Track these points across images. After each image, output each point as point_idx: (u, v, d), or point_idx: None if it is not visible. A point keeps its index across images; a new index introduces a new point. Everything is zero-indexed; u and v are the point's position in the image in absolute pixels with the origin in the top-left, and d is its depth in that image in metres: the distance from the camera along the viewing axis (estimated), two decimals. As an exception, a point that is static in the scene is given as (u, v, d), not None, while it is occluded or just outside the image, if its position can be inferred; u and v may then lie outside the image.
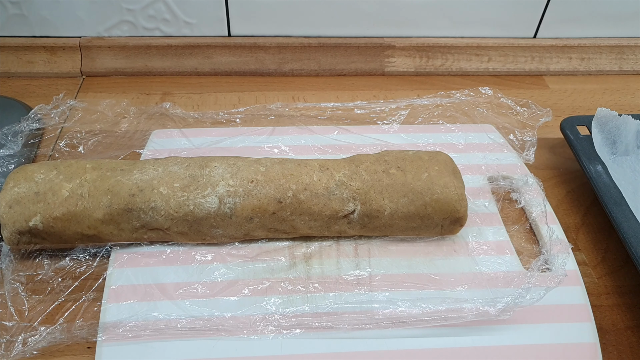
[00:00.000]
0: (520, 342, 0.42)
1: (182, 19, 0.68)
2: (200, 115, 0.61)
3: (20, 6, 0.65)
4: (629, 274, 0.49)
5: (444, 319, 0.41)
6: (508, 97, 0.61)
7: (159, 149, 0.56)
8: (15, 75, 0.68)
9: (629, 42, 0.72)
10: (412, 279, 0.45)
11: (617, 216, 0.47)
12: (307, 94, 0.68)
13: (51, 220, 0.42)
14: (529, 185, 0.53)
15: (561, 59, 0.73)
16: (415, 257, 0.47)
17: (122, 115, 0.60)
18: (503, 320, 0.42)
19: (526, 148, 0.57)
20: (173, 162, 0.45)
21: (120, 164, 0.45)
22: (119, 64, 0.69)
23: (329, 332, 0.41)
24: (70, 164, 0.45)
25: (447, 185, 0.45)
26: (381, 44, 0.70)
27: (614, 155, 0.56)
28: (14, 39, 0.67)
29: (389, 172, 0.46)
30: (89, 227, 0.43)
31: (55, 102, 0.58)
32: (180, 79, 0.70)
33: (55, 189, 0.42)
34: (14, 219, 0.42)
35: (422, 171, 0.46)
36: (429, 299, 0.43)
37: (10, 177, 0.43)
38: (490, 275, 0.46)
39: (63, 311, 0.42)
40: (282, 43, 0.69)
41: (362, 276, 0.45)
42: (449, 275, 0.46)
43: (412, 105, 0.62)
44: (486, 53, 0.72)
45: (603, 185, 0.50)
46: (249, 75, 0.71)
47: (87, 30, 0.68)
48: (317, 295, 0.44)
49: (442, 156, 0.48)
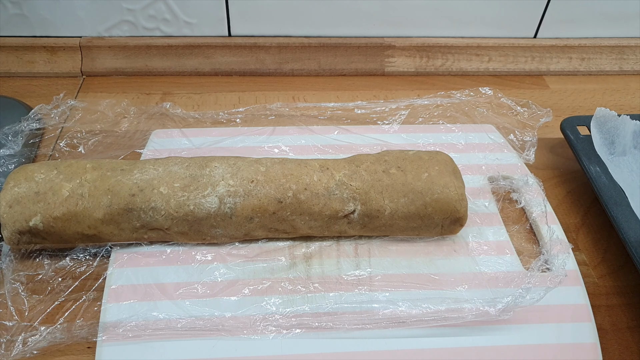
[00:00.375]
0: (521, 342, 0.42)
1: (183, 19, 0.68)
2: (201, 115, 0.61)
3: (21, 6, 0.65)
4: (629, 274, 0.49)
5: (444, 319, 0.41)
6: (508, 97, 0.61)
7: (159, 149, 0.56)
8: (15, 75, 0.68)
9: (629, 42, 0.72)
10: (412, 279, 0.45)
11: (617, 216, 0.47)
12: (307, 94, 0.68)
13: (51, 220, 0.42)
14: (529, 185, 0.53)
15: (561, 59, 0.73)
16: (416, 257, 0.47)
17: (122, 115, 0.60)
18: (503, 320, 0.42)
19: (526, 148, 0.57)
20: (173, 162, 0.45)
21: (120, 164, 0.45)
22: (119, 63, 0.69)
23: (329, 332, 0.41)
24: (70, 163, 0.45)
25: (447, 185, 0.45)
26: (381, 44, 0.70)
27: (612, 155, 0.56)
28: (14, 38, 0.67)
29: (389, 172, 0.46)
30: (89, 227, 0.43)
31: (55, 102, 0.58)
32: (181, 79, 0.70)
33: (55, 189, 0.42)
34: (14, 219, 0.42)
35: (423, 171, 0.46)
36: (429, 299, 0.43)
37: (10, 176, 0.43)
38: (490, 275, 0.46)
39: (63, 311, 0.42)
40: (283, 43, 0.69)
41: (362, 276, 0.45)
42: (449, 275, 0.46)
43: (412, 105, 0.62)
44: (486, 53, 0.72)
45: (603, 186, 0.50)
46: (249, 75, 0.71)
47: (88, 30, 0.68)
48: (317, 295, 0.44)
49: (443, 156, 0.48)
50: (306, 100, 0.67)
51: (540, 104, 0.61)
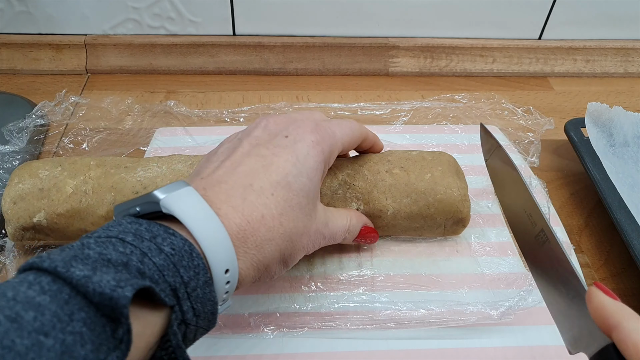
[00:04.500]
0: (522, 343, 0.42)
1: (187, 17, 0.68)
2: (204, 114, 0.61)
3: (27, 4, 0.65)
4: (632, 276, 0.49)
5: (446, 321, 0.41)
6: (510, 102, 0.61)
7: (163, 147, 0.57)
8: (20, 72, 0.68)
9: (634, 44, 0.72)
10: (414, 279, 0.45)
11: (621, 219, 0.47)
12: (311, 94, 0.68)
13: (55, 216, 0.42)
14: (533, 186, 0.52)
15: (566, 60, 0.73)
16: (418, 258, 0.47)
17: (126, 113, 0.61)
18: (504, 322, 0.42)
19: (530, 154, 0.56)
20: (177, 160, 0.45)
21: (124, 162, 0.45)
22: (124, 61, 0.69)
23: (330, 332, 0.41)
24: (74, 160, 0.45)
25: (450, 186, 0.45)
26: (386, 44, 0.70)
27: (613, 147, 0.56)
28: (19, 36, 0.67)
29: (392, 172, 0.45)
30: (92, 224, 0.43)
31: (58, 99, 0.58)
32: (185, 78, 0.70)
33: (59, 186, 0.42)
34: (18, 215, 0.42)
35: (426, 171, 0.45)
36: (431, 301, 0.43)
37: (14, 173, 0.44)
38: (492, 276, 0.46)
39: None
40: (287, 42, 0.70)
41: (364, 276, 0.45)
42: (451, 277, 0.46)
43: (415, 108, 0.62)
44: (491, 54, 0.72)
45: (607, 188, 0.50)
46: (253, 75, 0.71)
47: (93, 28, 0.68)
48: (319, 294, 0.44)
49: (446, 157, 0.48)
50: (310, 99, 0.67)
51: (545, 106, 0.61)
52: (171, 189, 0.31)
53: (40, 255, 0.26)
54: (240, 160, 0.35)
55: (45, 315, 0.23)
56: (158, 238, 0.28)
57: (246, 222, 0.32)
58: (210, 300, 0.30)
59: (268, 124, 0.39)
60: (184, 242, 0.29)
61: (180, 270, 0.28)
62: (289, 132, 0.37)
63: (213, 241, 0.30)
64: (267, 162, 0.35)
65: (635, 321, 0.26)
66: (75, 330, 0.23)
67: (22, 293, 0.24)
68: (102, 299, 0.24)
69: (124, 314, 0.24)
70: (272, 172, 0.34)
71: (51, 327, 0.23)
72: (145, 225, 0.29)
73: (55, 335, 0.23)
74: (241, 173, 0.34)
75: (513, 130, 0.59)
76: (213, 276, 0.30)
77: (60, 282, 0.24)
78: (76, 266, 0.25)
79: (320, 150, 0.37)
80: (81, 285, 0.24)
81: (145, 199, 0.31)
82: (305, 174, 0.35)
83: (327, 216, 0.39)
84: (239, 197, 0.33)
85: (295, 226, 0.34)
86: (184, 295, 0.28)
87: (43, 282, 0.24)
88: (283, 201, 0.34)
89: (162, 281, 0.27)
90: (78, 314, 0.24)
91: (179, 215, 0.30)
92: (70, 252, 0.26)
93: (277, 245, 0.33)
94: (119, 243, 0.27)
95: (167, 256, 0.28)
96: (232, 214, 0.32)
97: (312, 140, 0.37)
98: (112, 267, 0.26)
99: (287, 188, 0.34)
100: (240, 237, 0.32)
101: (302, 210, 0.35)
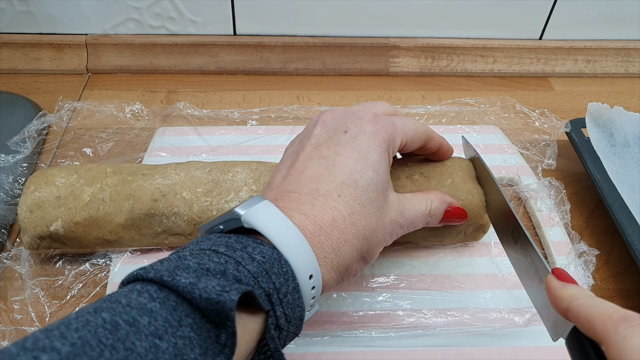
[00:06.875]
0: (522, 344, 0.42)
1: (188, 17, 0.68)
2: (215, 114, 0.61)
3: (27, 3, 0.64)
4: (633, 277, 0.49)
5: (470, 327, 0.41)
6: (525, 105, 0.62)
7: (164, 146, 0.56)
8: (21, 72, 0.68)
9: (635, 44, 0.73)
10: (435, 284, 0.45)
11: (621, 219, 0.47)
12: (311, 94, 0.69)
13: (72, 225, 0.41)
14: (535, 187, 0.53)
15: (567, 60, 0.73)
16: (439, 263, 0.47)
17: (136, 117, 0.60)
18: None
19: (547, 156, 0.57)
20: (195, 167, 0.45)
21: (141, 168, 0.45)
22: (124, 61, 0.69)
23: (352, 340, 0.41)
24: (90, 167, 0.44)
25: (471, 192, 0.44)
26: (386, 44, 0.71)
27: (614, 147, 0.56)
28: (20, 35, 0.67)
29: (413, 178, 0.44)
30: (110, 232, 0.42)
31: (59, 106, 0.58)
32: (186, 77, 0.70)
33: (76, 194, 0.42)
34: (34, 224, 0.41)
35: (446, 177, 0.44)
36: (454, 309, 0.43)
37: (30, 180, 0.43)
38: (513, 280, 0.46)
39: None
40: (287, 42, 0.69)
41: (384, 283, 0.45)
42: (472, 279, 0.46)
43: (429, 112, 0.62)
44: (491, 54, 0.72)
45: (607, 188, 0.50)
46: (253, 74, 0.71)
47: (94, 27, 0.68)
48: (340, 301, 0.44)
49: (465, 162, 0.46)
50: (310, 99, 0.67)
51: (545, 106, 0.62)
52: (250, 205, 0.32)
53: (142, 267, 0.27)
54: (304, 165, 0.35)
55: (158, 321, 0.24)
56: (249, 248, 0.29)
57: (319, 227, 0.32)
58: (299, 307, 0.30)
59: (326, 119, 0.38)
60: (273, 251, 0.30)
61: (272, 277, 0.29)
62: (347, 127, 0.37)
63: (294, 249, 0.31)
64: (329, 162, 0.35)
65: (582, 298, 0.27)
66: (185, 334, 0.25)
67: (134, 300, 0.25)
68: (208, 304, 0.25)
69: (230, 317, 0.25)
70: (337, 173, 0.34)
71: (164, 332, 0.24)
72: (235, 238, 0.30)
73: (168, 339, 0.24)
74: (306, 179, 0.34)
75: (528, 133, 0.60)
76: (299, 282, 0.30)
77: (166, 290, 0.26)
78: (181, 275, 0.26)
79: (381, 140, 0.36)
80: (187, 292, 0.25)
81: (227, 216, 0.32)
82: (371, 168, 0.35)
83: (402, 204, 0.38)
84: (308, 203, 0.33)
85: (367, 223, 0.34)
86: (277, 301, 0.29)
87: (150, 290, 0.26)
88: (352, 200, 0.34)
89: (257, 287, 0.28)
90: (185, 319, 0.25)
91: (261, 228, 0.31)
92: (171, 264, 0.27)
93: (353, 245, 0.33)
94: (214, 254, 0.29)
95: (259, 264, 0.29)
96: (305, 221, 0.32)
97: (371, 131, 0.36)
98: (212, 275, 0.27)
99: (353, 186, 0.34)
100: (317, 242, 0.32)
101: (372, 205, 0.35)
